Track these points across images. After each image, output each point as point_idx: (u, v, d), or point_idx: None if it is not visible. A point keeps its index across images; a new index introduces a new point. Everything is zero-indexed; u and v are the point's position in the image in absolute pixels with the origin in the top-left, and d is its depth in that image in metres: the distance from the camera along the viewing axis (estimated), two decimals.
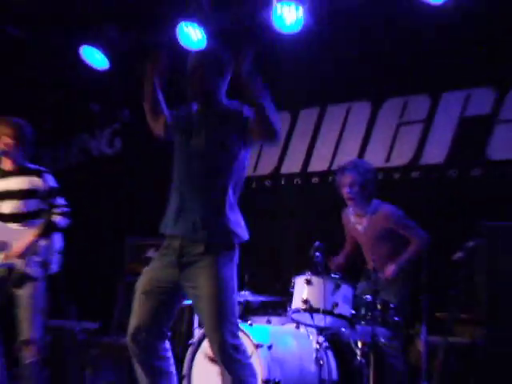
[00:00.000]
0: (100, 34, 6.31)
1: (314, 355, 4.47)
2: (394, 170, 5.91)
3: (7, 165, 4.62)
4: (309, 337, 4.67)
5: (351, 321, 4.44)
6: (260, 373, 4.23)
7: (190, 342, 4.63)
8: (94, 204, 6.71)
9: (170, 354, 3.49)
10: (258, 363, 4.24)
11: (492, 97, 5.46)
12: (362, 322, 4.45)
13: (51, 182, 4.61)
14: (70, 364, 5.24)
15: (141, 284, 3.47)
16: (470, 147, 5.53)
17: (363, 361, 4.48)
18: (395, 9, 5.58)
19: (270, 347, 4.40)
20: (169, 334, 3.54)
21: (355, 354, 4.62)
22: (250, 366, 3.42)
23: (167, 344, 3.49)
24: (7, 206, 4.54)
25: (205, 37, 6.00)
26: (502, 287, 4.44)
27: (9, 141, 4.53)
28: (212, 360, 4.01)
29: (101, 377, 5.19)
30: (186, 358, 4.55)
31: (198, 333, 4.72)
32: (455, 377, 4.70)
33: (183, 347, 4.82)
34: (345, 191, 4.88)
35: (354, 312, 4.44)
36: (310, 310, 4.38)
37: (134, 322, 3.43)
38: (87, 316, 5.05)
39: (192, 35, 6.00)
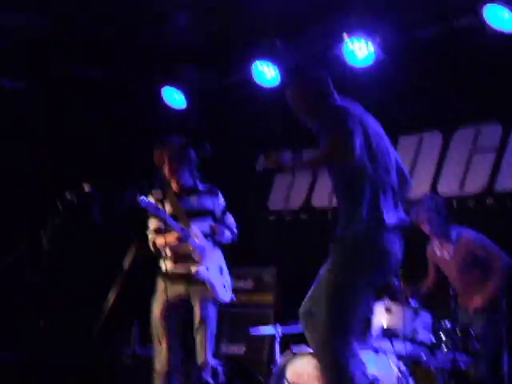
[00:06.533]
0: (179, 75, 6.42)
1: (396, 382, 4.42)
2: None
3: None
4: (389, 364, 4.53)
5: (431, 347, 4.45)
6: None
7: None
8: None
9: None
10: None
11: None
12: (443, 349, 4.45)
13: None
14: None
15: None
16: None
17: None
18: (465, 41, 5.48)
19: None
20: None
21: (437, 381, 4.60)
22: None
23: None
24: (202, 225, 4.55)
25: (278, 74, 6.05)
26: None
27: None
28: None
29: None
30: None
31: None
32: None
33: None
34: (425, 229, 4.95)
35: (434, 340, 4.46)
36: (391, 337, 4.47)
37: None
38: None
39: (266, 73, 6.07)
